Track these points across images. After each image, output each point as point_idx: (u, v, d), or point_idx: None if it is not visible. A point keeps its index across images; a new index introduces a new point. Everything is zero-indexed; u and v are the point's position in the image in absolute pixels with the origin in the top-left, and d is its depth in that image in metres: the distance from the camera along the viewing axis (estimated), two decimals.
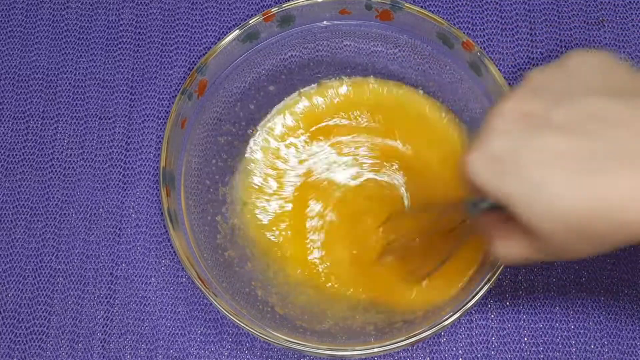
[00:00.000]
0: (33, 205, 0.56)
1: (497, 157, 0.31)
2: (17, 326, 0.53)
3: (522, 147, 0.31)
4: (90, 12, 0.61)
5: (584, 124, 0.30)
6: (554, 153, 0.30)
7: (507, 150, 0.31)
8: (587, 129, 0.30)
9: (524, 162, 0.30)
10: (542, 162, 0.30)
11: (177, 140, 0.49)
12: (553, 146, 0.30)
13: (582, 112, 0.30)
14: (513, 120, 0.32)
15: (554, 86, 0.33)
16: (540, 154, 0.30)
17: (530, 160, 0.30)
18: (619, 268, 0.53)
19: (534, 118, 0.31)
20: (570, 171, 0.29)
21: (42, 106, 0.59)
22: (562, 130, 0.30)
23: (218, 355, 0.52)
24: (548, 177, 0.30)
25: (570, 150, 0.30)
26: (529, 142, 0.31)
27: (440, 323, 0.44)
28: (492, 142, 0.32)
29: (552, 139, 0.30)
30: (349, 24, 0.52)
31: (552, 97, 0.32)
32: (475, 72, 0.50)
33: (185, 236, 0.48)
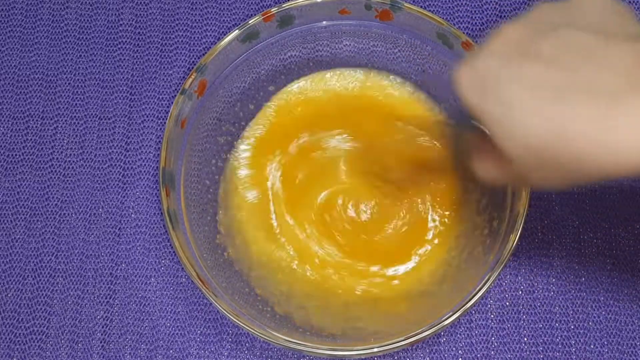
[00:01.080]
0: (33, 205, 0.56)
1: (481, 75, 0.33)
2: (17, 326, 0.53)
3: (503, 69, 0.33)
4: (90, 12, 0.61)
5: (563, 55, 0.32)
6: (530, 79, 0.32)
7: (491, 71, 0.33)
8: (564, 60, 0.31)
9: (501, 83, 0.32)
10: (516, 86, 0.32)
11: (177, 140, 0.49)
12: (530, 73, 0.32)
13: (564, 44, 0.32)
14: (507, 44, 0.33)
15: (555, 18, 0.34)
16: (517, 79, 0.32)
17: (506, 83, 0.32)
18: (619, 268, 0.53)
19: (525, 45, 0.33)
20: (540, 97, 0.31)
21: (42, 106, 0.59)
22: (541, 59, 0.32)
23: (218, 355, 0.52)
24: (518, 100, 0.32)
25: (544, 79, 0.31)
26: (510, 66, 0.33)
27: (440, 323, 0.44)
28: (481, 60, 0.34)
29: (530, 66, 0.32)
30: (349, 24, 0.52)
31: (544, 29, 0.33)
32: None
33: (185, 236, 0.48)
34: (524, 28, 0.34)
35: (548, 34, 0.33)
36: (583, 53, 0.31)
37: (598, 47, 0.31)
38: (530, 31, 0.33)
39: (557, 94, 0.30)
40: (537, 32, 0.33)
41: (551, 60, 0.32)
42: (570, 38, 0.32)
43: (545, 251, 0.54)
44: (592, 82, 0.30)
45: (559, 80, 0.31)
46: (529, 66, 0.32)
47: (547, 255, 0.54)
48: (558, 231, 0.54)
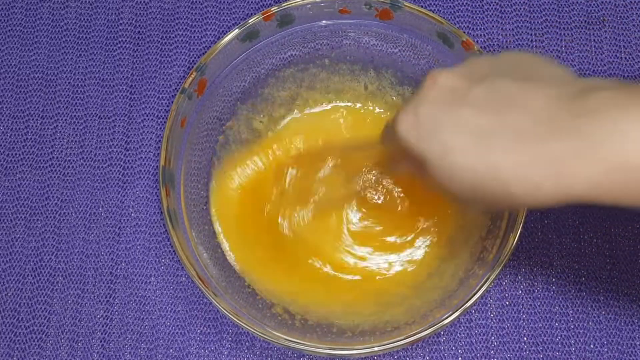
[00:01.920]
0: (33, 204, 0.56)
1: (420, 120, 0.37)
2: (17, 325, 0.53)
3: (440, 116, 0.36)
4: (90, 11, 0.61)
5: (493, 102, 0.35)
6: (464, 124, 0.35)
7: (429, 117, 0.37)
8: (494, 106, 0.35)
9: (439, 128, 0.36)
10: (452, 130, 0.35)
11: (177, 140, 0.49)
12: (463, 118, 0.35)
13: (493, 92, 0.35)
14: (442, 91, 0.37)
15: (484, 70, 0.37)
16: (453, 123, 0.36)
17: (444, 127, 0.36)
18: (619, 268, 0.53)
19: (458, 93, 0.36)
20: (471, 140, 0.35)
21: (42, 105, 0.59)
22: (474, 106, 0.35)
23: (218, 354, 0.52)
24: (454, 142, 0.35)
25: (477, 123, 0.35)
26: (446, 113, 0.36)
27: (440, 322, 0.44)
28: (419, 107, 0.37)
29: (464, 112, 0.35)
30: (349, 23, 0.52)
31: (475, 78, 0.37)
32: None
33: (185, 236, 0.48)
34: (458, 77, 0.37)
35: (479, 82, 0.36)
36: (508, 99, 0.35)
37: (520, 94, 0.35)
38: (463, 80, 0.37)
39: (487, 137, 0.34)
40: (469, 81, 0.37)
41: (481, 106, 0.35)
42: (497, 86, 0.35)
43: (545, 251, 0.54)
44: (516, 126, 0.34)
45: (488, 124, 0.34)
46: (463, 112, 0.35)
47: (547, 255, 0.54)
48: (558, 231, 0.54)
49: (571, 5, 0.60)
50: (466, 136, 0.35)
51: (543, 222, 0.54)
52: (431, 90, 0.37)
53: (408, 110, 0.38)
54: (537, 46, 0.59)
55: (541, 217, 0.54)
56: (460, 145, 0.35)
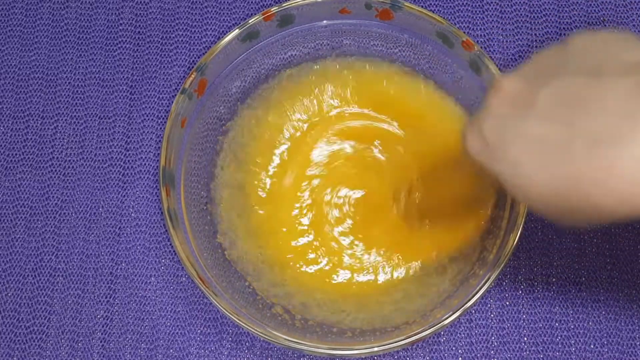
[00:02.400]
0: (33, 204, 0.56)
1: (486, 137, 0.35)
2: (17, 326, 0.53)
3: (505, 128, 0.34)
4: (90, 11, 0.61)
5: (561, 106, 0.32)
6: (530, 137, 0.32)
7: (494, 133, 0.34)
8: (562, 112, 0.32)
9: (504, 144, 0.34)
10: (518, 145, 0.33)
11: (177, 140, 0.49)
12: (531, 131, 0.33)
13: (560, 94, 0.32)
14: (505, 102, 0.34)
15: (552, 67, 0.34)
16: (518, 137, 0.33)
17: (509, 142, 0.33)
18: (619, 268, 0.53)
19: (521, 101, 0.34)
20: (543, 153, 0.32)
21: (42, 105, 0.59)
22: (540, 115, 0.33)
23: (218, 354, 0.52)
24: (522, 158, 0.33)
25: (544, 134, 0.32)
26: (511, 127, 0.34)
27: (440, 322, 0.44)
28: (483, 124, 0.35)
29: (530, 124, 0.33)
30: (349, 23, 0.52)
31: (542, 79, 0.34)
32: (475, 71, 0.50)
33: (185, 236, 0.48)
34: (520, 82, 0.35)
35: (542, 86, 0.33)
36: (576, 101, 0.31)
37: (593, 91, 0.31)
38: (525, 85, 0.34)
39: (558, 148, 0.31)
40: (532, 86, 0.34)
41: (548, 114, 0.32)
42: (563, 87, 0.32)
43: (545, 251, 0.54)
44: (588, 130, 0.30)
45: (558, 133, 0.31)
46: (528, 124, 0.33)
47: (547, 255, 0.54)
48: (558, 231, 0.54)
49: (571, 5, 0.60)
50: (535, 150, 0.32)
51: (543, 222, 0.54)
52: (494, 100, 0.35)
53: (473, 127, 0.36)
54: (537, 46, 0.59)
55: (541, 217, 0.54)
56: (530, 161, 0.32)
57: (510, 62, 0.58)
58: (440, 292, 0.49)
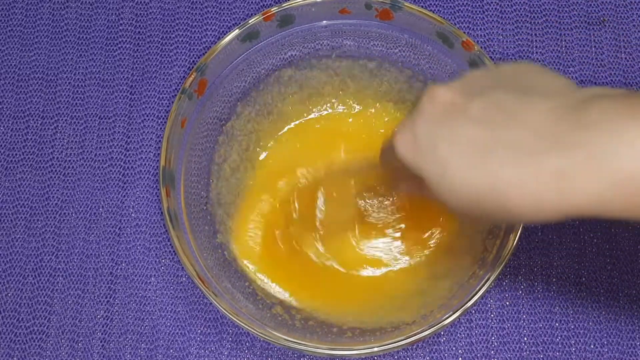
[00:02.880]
0: (33, 204, 0.56)
1: (418, 138, 0.36)
2: (17, 326, 0.53)
3: (437, 131, 0.36)
4: (90, 12, 0.61)
5: (489, 115, 0.34)
6: (461, 139, 0.35)
7: (426, 134, 0.36)
8: (490, 119, 0.34)
9: (435, 144, 0.35)
10: (449, 146, 0.35)
11: (177, 140, 0.49)
12: (461, 133, 0.35)
13: (490, 105, 0.35)
14: (439, 107, 0.36)
15: (482, 84, 0.37)
16: (449, 139, 0.35)
17: (440, 143, 0.35)
18: (619, 268, 0.53)
19: (455, 107, 0.36)
20: (470, 155, 0.34)
21: (42, 106, 0.59)
22: (472, 120, 0.35)
23: (218, 354, 0.52)
24: (451, 158, 0.35)
25: (474, 137, 0.34)
26: (443, 128, 0.36)
27: (440, 322, 0.44)
28: (417, 124, 0.37)
29: (461, 126, 0.35)
30: (349, 24, 0.52)
31: (473, 92, 0.36)
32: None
33: (185, 236, 0.48)
34: (456, 92, 0.37)
35: (476, 96, 0.35)
36: (507, 113, 0.34)
37: (517, 106, 0.34)
38: (461, 94, 0.36)
39: (486, 151, 0.33)
40: (467, 95, 0.36)
41: (478, 120, 0.34)
42: (495, 99, 0.35)
43: (545, 251, 0.54)
44: (514, 140, 0.33)
45: (487, 139, 0.34)
46: (460, 127, 0.35)
47: (547, 255, 0.54)
48: (558, 231, 0.54)
49: (571, 5, 0.60)
50: (464, 151, 0.34)
51: None
52: (428, 106, 0.37)
53: (405, 127, 0.37)
54: (537, 46, 0.59)
55: None
56: (458, 160, 0.34)
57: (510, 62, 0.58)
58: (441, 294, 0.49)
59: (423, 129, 0.36)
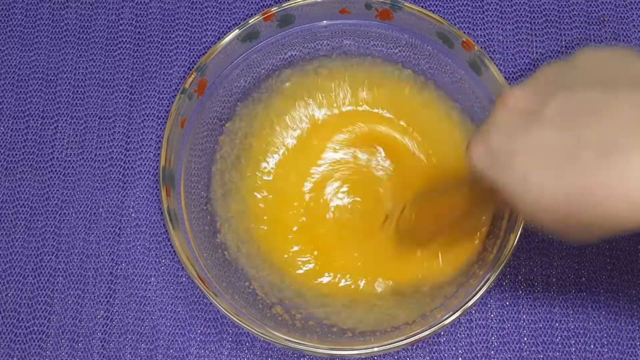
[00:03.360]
0: (33, 204, 0.56)
1: (494, 149, 0.34)
2: (17, 326, 0.53)
3: (512, 141, 0.33)
4: (90, 12, 0.61)
5: (568, 116, 0.32)
6: (540, 147, 0.32)
7: (502, 145, 0.33)
8: (570, 121, 0.31)
9: (512, 155, 0.33)
10: (527, 156, 0.32)
11: (177, 140, 0.49)
12: (540, 141, 0.32)
13: (568, 105, 0.32)
14: (513, 114, 0.34)
15: (559, 80, 0.34)
16: (527, 148, 0.32)
17: (517, 154, 0.32)
18: (619, 268, 0.53)
19: (530, 113, 0.33)
20: (552, 163, 0.31)
21: (42, 106, 0.59)
22: (548, 125, 0.32)
23: (218, 354, 0.52)
24: (531, 169, 0.32)
25: (553, 143, 0.31)
26: (520, 138, 0.33)
27: (440, 322, 0.44)
28: (491, 135, 0.34)
29: (540, 133, 0.32)
30: (349, 24, 0.52)
31: (550, 91, 0.33)
32: (475, 71, 0.50)
33: (185, 236, 0.48)
34: (527, 94, 0.34)
35: (551, 97, 0.33)
36: (587, 111, 0.31)
37: (601, 102, 0.31)
38: (533, 97, 0.34)
39: (569, 157, 0.31)
40: (540, 97, 0.33)
41: (557, 124, 0.32)
42: (573, 98, 0.32)
43: (545, 251, 0.54)
44: (600, 139, 0.30)
45: (568, 143, 0.31)
46: (537, 134, 0.32)
47: (547, 255, 0.54)
48: None
49: (571, 5, 0.60)
50: (546, 160, 0.31)
51: None
52: (501, 114, 0.34)
53: (478, 140, 0.35)
54: (537, 46, 0.59)
55: None
56: (539, 170, 0.31)
57: (510, 62, 0.58)
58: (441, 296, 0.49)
59: (497, 140, 0.34)
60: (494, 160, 0.34)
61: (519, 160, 0.32)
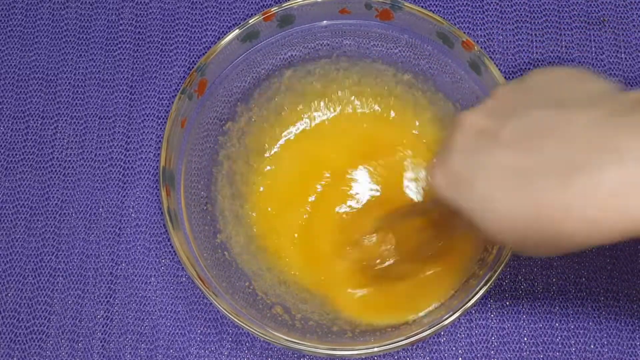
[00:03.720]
0: (33, 204, 0.56)
1: (453, 172, 0.34)
2: (17, 326, 0.53)
3: (472, 163, 0.33)
4: (90, 12, 0.61)
5: (525, 137, 0.32)
6: (498, 169, 0.32)
7: (461, 167, 0.34)
8: (528, 142, 0.32)
9: (473, 177, 0.33)
10: (487, 177, 0.32)
11: (177, 140, 0.49)
12: (497, 162, 0.32)
13: (525, 126, 0.32)
14: (469, 136, 0.34)
15: (514, 101, 0.34)
16: (486, 170, 0.33)
17: (477, 176, 0.33)
18: (619, 268, 0.53)
19: (487, 135, 0.33)
20: (511, 184, 0.31)
21: (42, 106, 0.59)
22: (506, 147, 0.32)
23: (218, 354, 0.52)
24: (491, 190, 0.32)
25: (512, 165, 0.32)
26: (478, 160, 0.33)
27: (440, 323, 0.44)
28: (450, 159, 0.35)
29: (497, 155, 0.32)
30: (349, 24, 0.52)
31: (506, 113, 0.34)
32: (475, 71, 0.50)
33: (185, 236, 0.48)
34: (485, 115, 0.34)
35: (508, 119, 0.33)
36: (542, 132, 0.31)
37: (555, 123, 0.31)
38: (491, 118, 0.34)
39: (527, 178, 0.31)
40: (496, 119, 0.34)
41: (514, 145, 0.32)
42: (528, 118, 0.32)
43: None
44: (555, 160, 0.30)
45: (525, 164, 0.31)
46: (494, 155, 0.33)
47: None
48: None
49: (571, 5, 0.60)
50: (504, 181, 0.32)
51: None
52: (459, 136, 0.35)
53: (438, 162, 0.35)
54: (537, 46, 0.59)
55: None
56: (499, 193, 0.32)
57: (510, 62, 0.58)
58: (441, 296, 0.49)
59: (457, 163, 0.34)
60: (453, 182, 0.34)
61: (478, 182, 0.33)
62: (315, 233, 0.53)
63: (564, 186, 0.29)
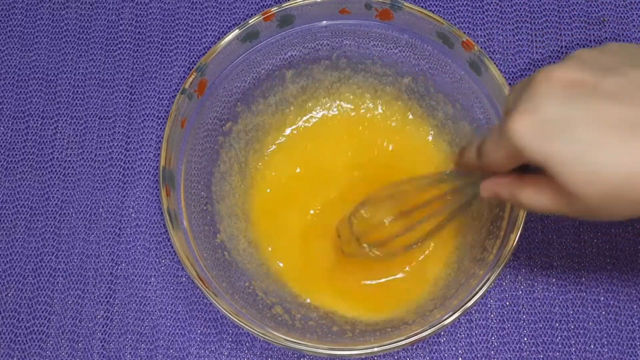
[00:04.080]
0: (33, 204, 0.56)
1: (548, 120, 0.32)
2: (17, 326, 0.53)
3: (570, 111, 0.32)
4: (90, 12, 0.61)
5: (632, 93, 0.31)
6: (606, 119, 0.31)
7: (558, 115, 0.32)
8: (631, 95, 0.31)
9: (572, 126, 0.31)
10: (589, 126, 0.31)
11: (177, 140, 0.49)
12: (605, 113, 0.31)
13: (630, 82, 0.31)
14: (562, 87, 0.33)
15: (600, 62, 0.34)
16: (589, 119, 0.31)
17: (578, 124, 0.31)
18: (619, 268, 0.53)
19: (584, 86, 0.32)
20: (616, 135, 0.30)
21: (42, 106, 0.59)
22: (612, 99, 0.31)
23: (218, 354, 0.52)
24: (599, 141, 0.31)
25: (616, 116, 0.31)
26: (577, 108, 0.32)
27: (440, 323, 0.44)
28: (542, 106, 0.33)
29: (604, 105, 0.31)
30: (349, 24, 0.52)
31: (599, 70, 0.33)
32: (475, 71, 0.50)
33: (185, 236, 0.48)
34: (577, 70, 0.33)
35: (605, 73, 0.32)
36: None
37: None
38: (585, 72, 0.33)
39: (634, 131, 0.30)
40: (592, 73, 0.33)
41: (618, 97, 0.31)
42: (628, 77, 0.32)
43: (545, 251, 0.54)
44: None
45: (632, 117, 0.30)
46: (598, 104, 0.31)
47: (547, 255, 0.54)
48: (558, 231, 0.54)
49: (571, 5, 0.60)
50: (607, 131, 0.30)
51: (543, 222, 0.54)
52: (547, 87, 0.33)
53: (523, 111, 0.33)
54: (537, 46, 0.59)
55: (541, 217, 0.54)
56: (602, 141, 0.30)
57: (510, 62, 0.58)
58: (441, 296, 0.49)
59: (551, 110, 0.32)
60: (544, 130, 0.32)
61: (580, 129, 0.31)
62: (315, 232, 0.53)
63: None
